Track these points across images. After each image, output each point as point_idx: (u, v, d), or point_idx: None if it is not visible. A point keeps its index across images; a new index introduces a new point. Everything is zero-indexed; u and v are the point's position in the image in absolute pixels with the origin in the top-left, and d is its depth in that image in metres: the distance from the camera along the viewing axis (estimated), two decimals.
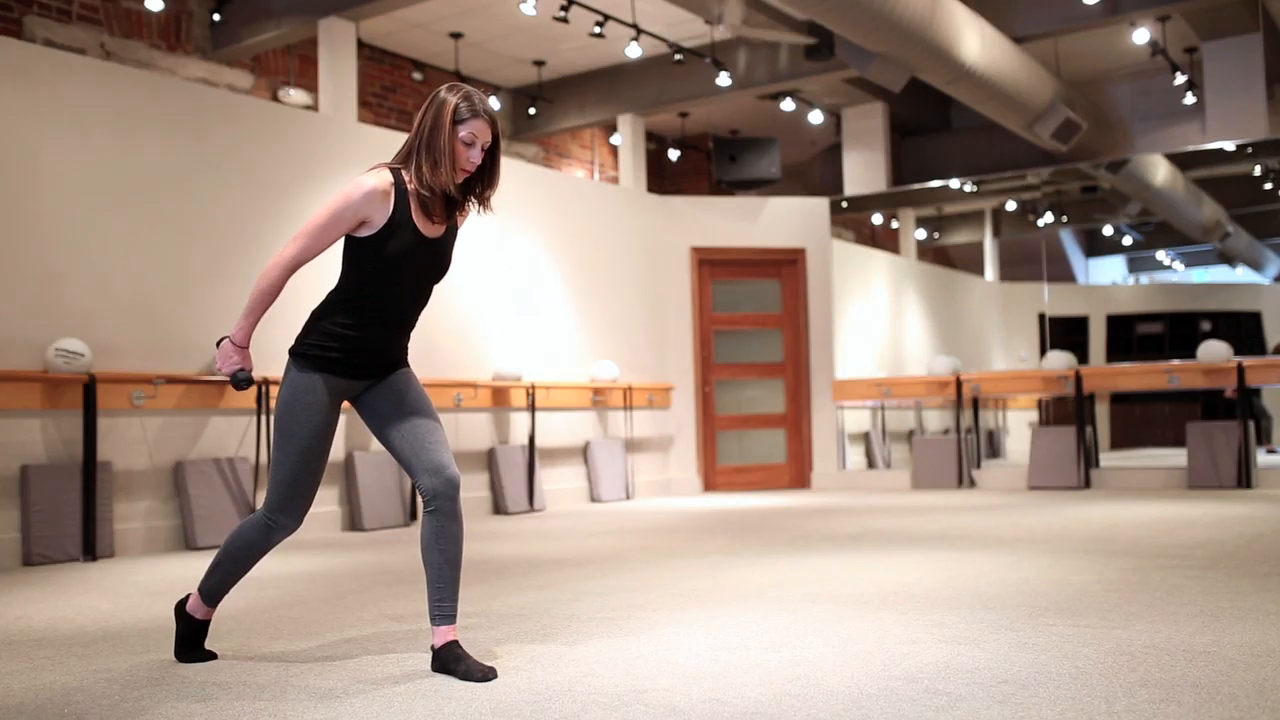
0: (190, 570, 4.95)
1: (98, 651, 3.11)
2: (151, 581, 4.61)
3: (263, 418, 6.27)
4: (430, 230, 2.75)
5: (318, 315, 2.80)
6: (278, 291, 2.75)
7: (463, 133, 2.69)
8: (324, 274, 3.16)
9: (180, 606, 2.96)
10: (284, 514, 2.80)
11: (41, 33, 7.41)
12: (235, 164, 6.43)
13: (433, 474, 2.71)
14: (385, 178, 2.69)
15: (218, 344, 2.78)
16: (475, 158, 2.71)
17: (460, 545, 2.73)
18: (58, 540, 5.34)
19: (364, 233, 2.71)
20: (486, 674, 2.63)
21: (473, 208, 2.84)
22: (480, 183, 2.79)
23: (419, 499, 7.09)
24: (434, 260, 2.79)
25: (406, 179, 2.72)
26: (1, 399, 5.26)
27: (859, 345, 10.60)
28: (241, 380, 2.78)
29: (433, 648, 2.73)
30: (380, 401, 2.81)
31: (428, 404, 2.83)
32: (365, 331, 2.76)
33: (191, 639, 2.94)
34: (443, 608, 2.71)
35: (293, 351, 2.78)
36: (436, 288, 2.92)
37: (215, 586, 2.91)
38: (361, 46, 9.16)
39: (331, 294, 2.80)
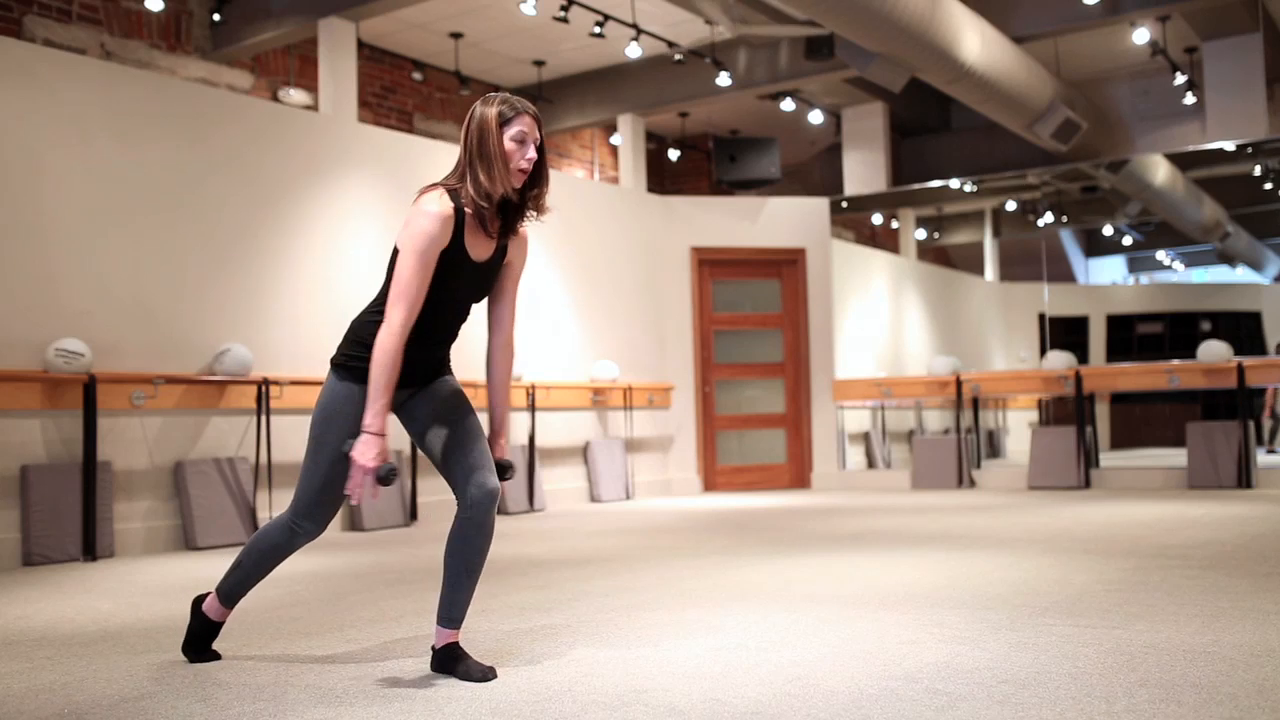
0: (190, 570, 4.96)
1: (98, 651, 3.11)
2: (151, 581, 4.61)
3: (263, 418, 6.27)
4: (480, 253, 2.72)
5: (358, 328, 2.75)
6: (400, 363, 2.62)
7: (511, 132, 2.66)
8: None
9: (197, 603, 2.96)
10: (309, 520, 2.79)
11: (41, 33, 7.40)
12: (235, 164, 6.43)
13: (472, 483, 2.67)
14: (447, 203, 2.65)
15: (346, 452, 2.62)
16: (530, 154, 2.68)
17: (483, 556, 2.70)
18: (58, 540, 5.34)
19: None
20: (486, 674, 2.63)
21: (529, 217, 2.78)
22: (532, 185, 2.75)
23: (419, 499, 7.09)
24: (479, 283, 2.77)
25: (462, 200, 2.68)
26: (1, 399, 5.26)
27: (859, 345, 10.60)
28: (387, 473, 2.57)
29: (433, 648, 2.73)
30: (422, 408, 2.79)
31: (469, 411, 2.79)
32: (406, 346, 2.70)
33: (202, 637, 2.94)
34: (452, 611, 2.70)
35: (334, 363, 2.76)
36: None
37: (233, 587, 2.90)
38: (361, 46, 9.16)
39: (372, 307, 2.75)
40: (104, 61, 6.53)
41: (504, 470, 2.82)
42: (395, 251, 2.70)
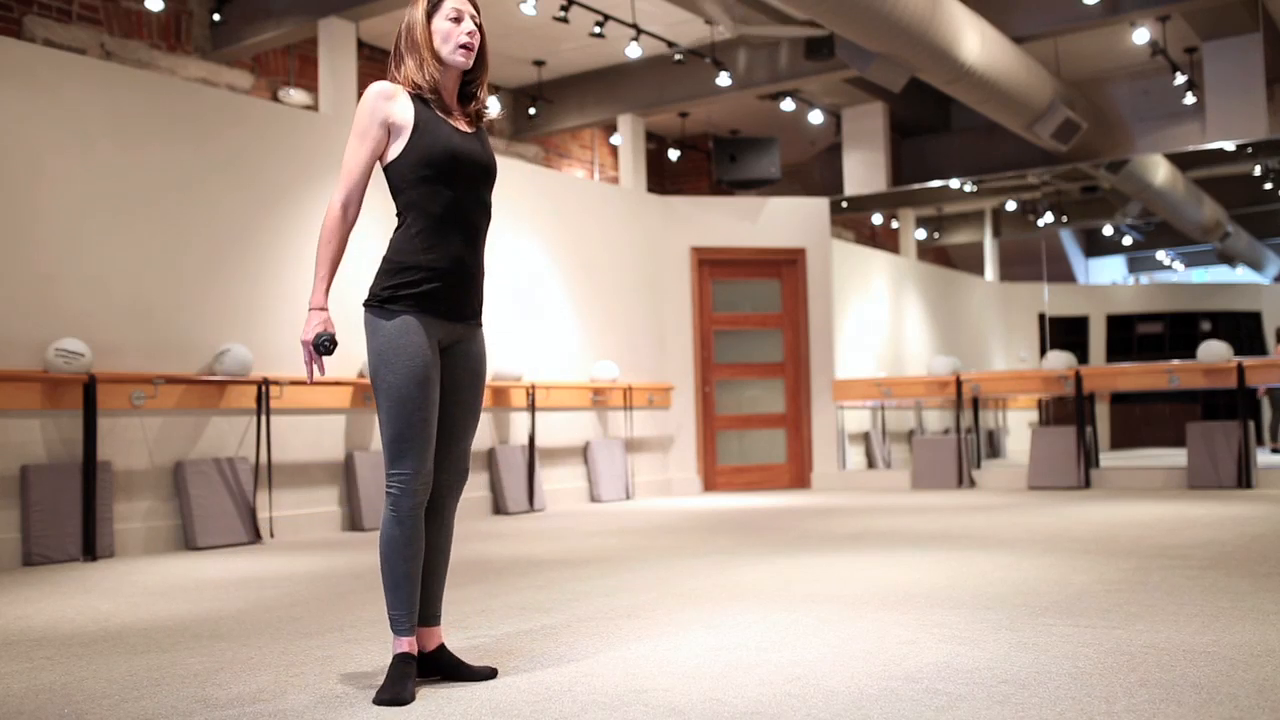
0: (190, 570, 4.96)
1: (98, 651, 3.11)
2: (151, 581, 4.61)
3: (263, 418, 6.27)
4: (462, 128, 2.66)
5: (389, 257, 2.61)
6: (343, 239, 2.57)
7: (443, 11, 2.61)
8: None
9: (398, 656, 2.58)
10: (401, 480, 2.53)
11: (41, 33, 7.40)
12: (235, 164, 6.43)
13: (442, 472, 2.67)
14: (386, 83, 2.61)
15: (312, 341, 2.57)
16: (469, 28, 2.62)
17: (449, 545, 2.72)
18: (58, 540, 5.34)
19: (398, 143, 2.58)
20: (486, 674, 2.63)
21: (479, 107, 2.71)
22: (471, 72, 2.68)
23: None
24: (478, 155, 2.65)
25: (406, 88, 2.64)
26: (1, 399, 5.26)
27: (859, 345, 10.60)
28: (324, 341, 2.54)
29: (422, 651, 2.66)
30: (447, 377, 2.67)
31: (476, 403, 2.73)
32: (442, 249, 2.58)
33: (402, 677, 2.51)
34: (433, 608, 2.68)
35: (372, 302, 2.59)
36: None
37: (394, 601, 2.56)
38: (361, 46, 9.15)
39: (395, 233, 2.63)
40: (104, 62, 6.53)
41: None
42: (389, 172, 2.65)
